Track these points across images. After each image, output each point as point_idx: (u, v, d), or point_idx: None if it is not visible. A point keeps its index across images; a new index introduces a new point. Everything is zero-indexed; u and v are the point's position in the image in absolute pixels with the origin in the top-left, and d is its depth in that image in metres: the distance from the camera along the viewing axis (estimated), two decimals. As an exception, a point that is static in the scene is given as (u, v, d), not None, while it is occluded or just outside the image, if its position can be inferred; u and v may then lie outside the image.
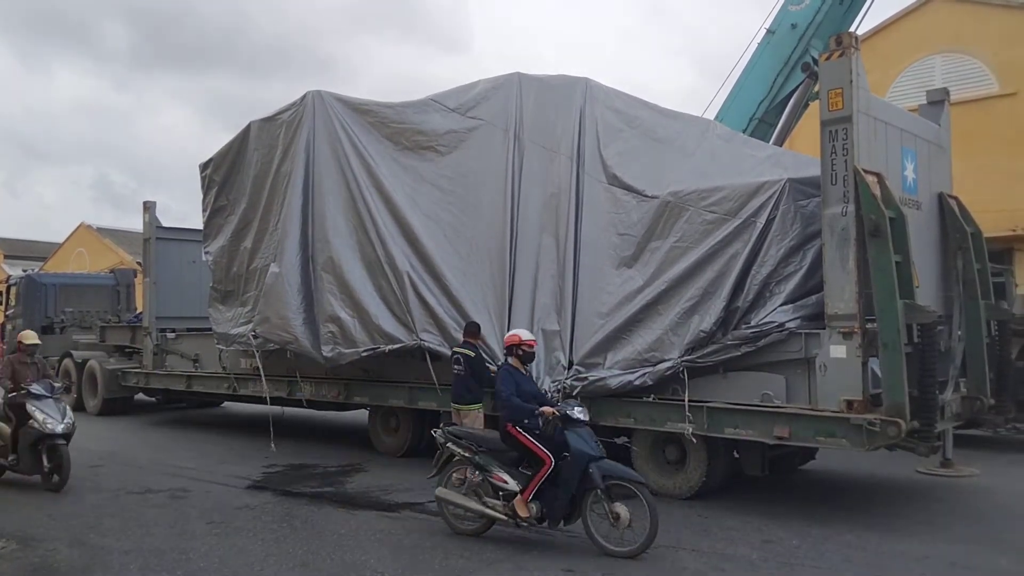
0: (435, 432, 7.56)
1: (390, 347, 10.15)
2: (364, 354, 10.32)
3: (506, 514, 6.85)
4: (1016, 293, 12.49)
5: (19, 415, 9.30)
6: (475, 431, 7.80)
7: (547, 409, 6.82)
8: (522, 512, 6.74)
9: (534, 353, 7.84)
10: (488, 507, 6.97)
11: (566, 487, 6.62)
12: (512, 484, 6.86)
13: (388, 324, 10.20)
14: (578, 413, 6.82)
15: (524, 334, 7.68)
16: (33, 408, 9.16)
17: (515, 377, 7.25)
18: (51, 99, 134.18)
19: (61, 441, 9.18)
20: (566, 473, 6.62)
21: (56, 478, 9.14)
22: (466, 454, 7.13)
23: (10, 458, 9.40)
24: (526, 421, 6.89)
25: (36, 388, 9.32)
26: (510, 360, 7.47)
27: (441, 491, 7.29)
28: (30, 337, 10.06)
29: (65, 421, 9.25)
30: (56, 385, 9.71)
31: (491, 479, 6.97)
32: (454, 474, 7.32)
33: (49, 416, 9.17)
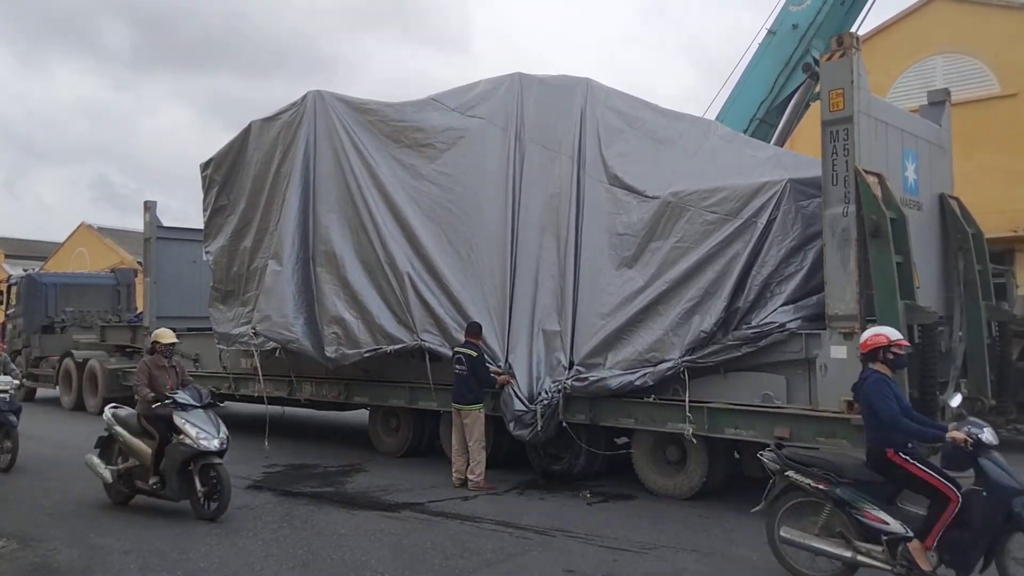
0: (764, 455, 6.16)
1: (392, 347, 10.15)
2: (367, 355, 10.32)
3: (895, 565, 5.48)
4: (1017, 294, 12.48)
5: (163, 429, 7.92)
6: (827, 456, 6.19)
7: (958, 435, 5.37)
8: (923, 564, 5.35)
9: (905, 358, 6.00)
10: (864, 554, 5.61)
11: (983, 530, 5.25)
12: (895, 526, 5.50)
13: (390, 324, 10.21)
14: (989, 436, 5.44)
15: (893, 333, 5.88)
16: (183, 421, 7.76)
17: (893, 389, 5.66)
18: (51, 99, 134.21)
19: (217, 460, 7.80)
20: (981, 512, 5.24)
21: (212, 505, 7.76)
22: (821, 487, 5.72)
23: (151, 481, 7.96)
24: (910, 445, 5.55)
25: (183, 396, 7.92)
26: (876, 367, 5.75)
27: (788, 531, 5.87)
28: (167, 336, 8.48)
29: (220, 435, 7.88)
30: (203, 392, 8.27)
31: (862, 518, 5.60)
32: (787, 507, 5.96)
33: (202, 430, 7.77)
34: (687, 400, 8.25)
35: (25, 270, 26.00)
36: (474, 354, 9.15)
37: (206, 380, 13.91)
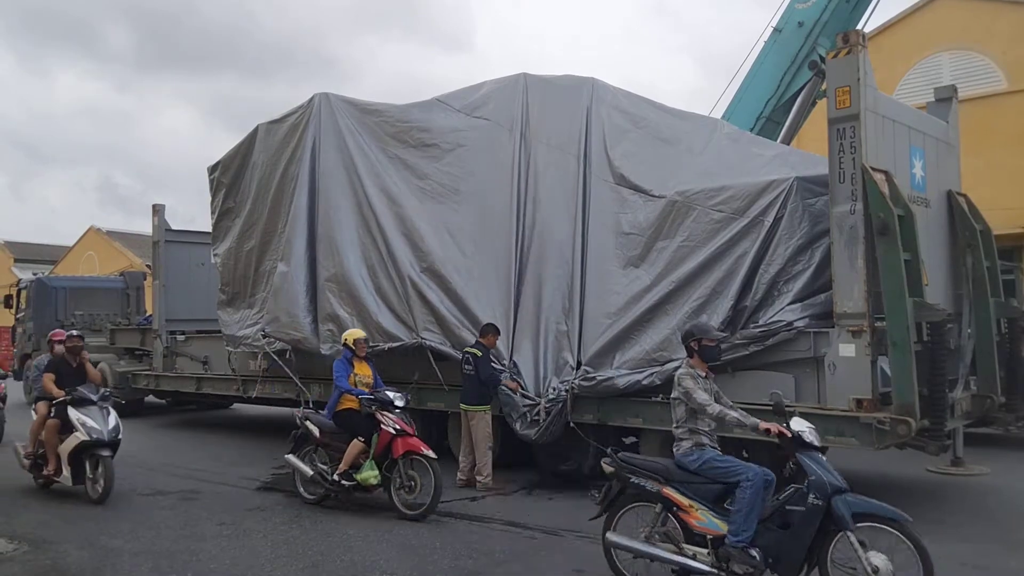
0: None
1: (390, 345, 10.12)
2: None
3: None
4: (1026, 290, 12.41)
5: None
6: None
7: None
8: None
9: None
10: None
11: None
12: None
13: (388, 322, 10.17)
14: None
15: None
16: None
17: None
18: (54, 102, 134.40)
19: None
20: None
21: None
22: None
23: None
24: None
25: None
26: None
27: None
28: None
29: None
30: None
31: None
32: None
33: None
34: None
35: (35, 274, 26.12)
36: (479, 353, 9.16)
37: (215, 382, 14.00)
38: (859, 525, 4.97)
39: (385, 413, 8.05)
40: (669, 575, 5.62)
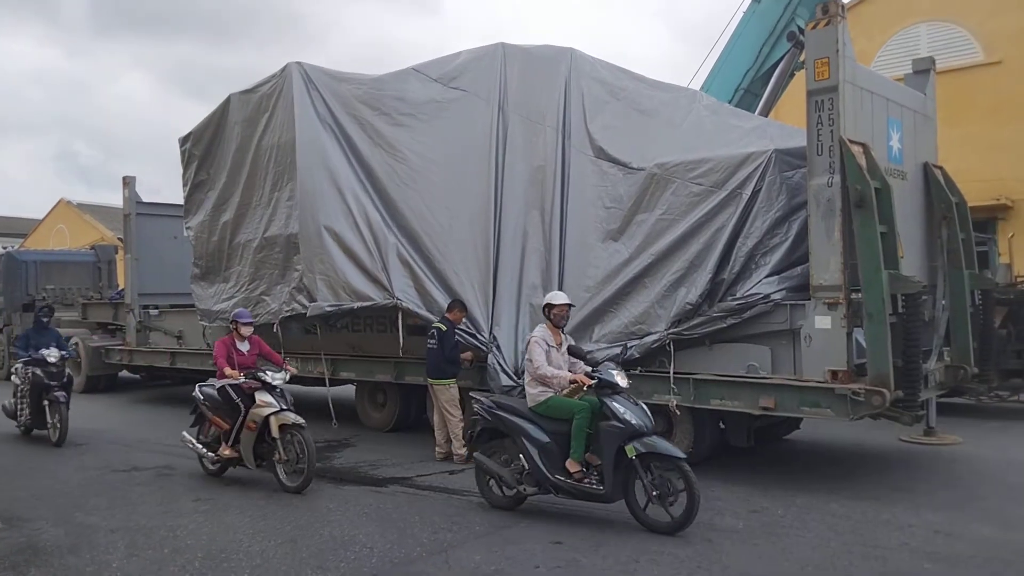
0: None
1: (360, 304, 9.84)
2: (329, 309, 9.97)
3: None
4: (999, 262, 12.57)
5: None
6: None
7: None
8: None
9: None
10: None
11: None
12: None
13: (359, 282, 9.88)
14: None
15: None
16: None
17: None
18: (7, 70, 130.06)
19: None
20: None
21: None
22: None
23: None
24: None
25: None
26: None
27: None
28: None
29: None
30: None
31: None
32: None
33: None
34: (672, 372, 8.27)
35: (4, 248, 25.70)
36: (443, 328, 9.10)
37: (190, 357, 13.87)
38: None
39: None
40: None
